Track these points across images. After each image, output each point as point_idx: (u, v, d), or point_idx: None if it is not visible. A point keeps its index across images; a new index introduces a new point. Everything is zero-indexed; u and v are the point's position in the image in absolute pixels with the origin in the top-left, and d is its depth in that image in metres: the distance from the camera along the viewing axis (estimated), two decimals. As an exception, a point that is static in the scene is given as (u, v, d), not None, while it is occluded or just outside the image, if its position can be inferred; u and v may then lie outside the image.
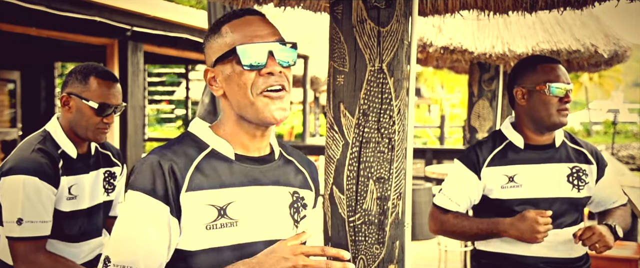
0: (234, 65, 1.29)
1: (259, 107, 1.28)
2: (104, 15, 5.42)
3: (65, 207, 2.03)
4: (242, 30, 1.30)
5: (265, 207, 1.34)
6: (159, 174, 1.24)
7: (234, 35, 1.30)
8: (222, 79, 1.32)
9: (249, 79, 1.28)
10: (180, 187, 1.25)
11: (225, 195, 1.29)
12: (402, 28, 2.06)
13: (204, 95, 4.66)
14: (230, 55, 1.29)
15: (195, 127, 1.38)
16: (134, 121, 6.20)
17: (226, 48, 1.30)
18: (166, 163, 1.25)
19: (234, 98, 1.31)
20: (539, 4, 2.45)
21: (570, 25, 4.74)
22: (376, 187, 2.06)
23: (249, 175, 1.33)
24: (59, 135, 2.05)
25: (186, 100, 12.49)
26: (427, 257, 5.42)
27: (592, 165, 2.21)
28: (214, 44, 1.33)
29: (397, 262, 2.15)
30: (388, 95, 2.05)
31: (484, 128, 5.29)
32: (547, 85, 2.08)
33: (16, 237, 1.91)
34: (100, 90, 2.02)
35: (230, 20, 1.33)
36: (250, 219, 1.31)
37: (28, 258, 1.92)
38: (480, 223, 2.15)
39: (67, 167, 2.03)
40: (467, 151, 2.24)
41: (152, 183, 1.23)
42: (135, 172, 1.27)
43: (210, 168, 1.29)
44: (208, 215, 1.26)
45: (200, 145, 1.33)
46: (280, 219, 1.37)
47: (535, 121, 2.14)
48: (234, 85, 1.30)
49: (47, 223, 1.95)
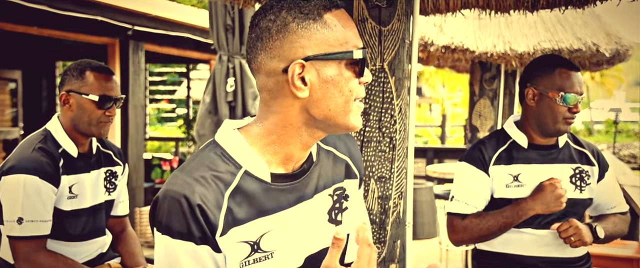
0: (342, 67, 1.10)
1: (352, 116, 1.14)
2: (106, 15, 5.42)
3: (66, 206, 2.03)
4: (352, 28, 1.13)
5: (303, 227, 1.20)
6: (191, 217, 1.07)
7: (346, 33, 1.11)
8: (316, 79, 1.10)
9: (355, 87, 1.12)
10: (216, 229, 1.09)
11: (260, 225, 1.14)
12: (403, 27, 2.06)
13: (205, 95, 4.66)
14: (341, 55, 1.10)
15: (225, 137, 1.18)
16: (135, 120, 6.20)
17: (337, 45, 1.10)
18: (196, 202, 1.07)
19: (327, 103, 1.11)
20: (541, 3, 2.45)
21: (571, 24, 4.74)
22: (377, 186, 2.06)
23: (285, 197, 1.18)
24: (60, 134, 2.05)
25: (187, 100, 12.47)
26: (428, 257, 5.42)
27: (594, 167, 2.20)
28: (315, 34, 1.09)
29: (398, 261, 2.14)
30: (389, 95, 2.04)
31: (485, 127, 5.29)
32: (560, 94, 2.04)
33: (17, 236, 1.92)
34: (98, 84, 2.03)
35: (331, 9, 1.11)
36: (287, 246, 1.18)
37: (29, 257, 1.92)
38: (503, 213, 2.08)
39: (68, 166, 2.04)
40: (471, 151, 2.21)
41: (185, 226, 1.07)
42: (161, 211, 1.10)
43: (243, 198, 1.13)
44: (241, 252, 1.12)
45: (231, 167, 1.14)
46: (320, 230, 1.24)
47: (539, 125, 2.13)
48: (334, 90, 1.10)
49: (47, 223, 1.95)
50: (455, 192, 2.20)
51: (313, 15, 1.09)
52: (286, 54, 1.10)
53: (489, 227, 2.11)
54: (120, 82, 6.24)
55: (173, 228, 1.08)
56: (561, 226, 2.01)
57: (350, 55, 1.10)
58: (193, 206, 1.07)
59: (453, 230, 2.19)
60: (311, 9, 1.09)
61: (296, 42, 1.09)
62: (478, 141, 2.26)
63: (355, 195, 1.36)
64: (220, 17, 4.59)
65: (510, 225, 2.09)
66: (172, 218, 1.08)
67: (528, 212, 2.04)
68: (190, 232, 1.08)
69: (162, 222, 1.09)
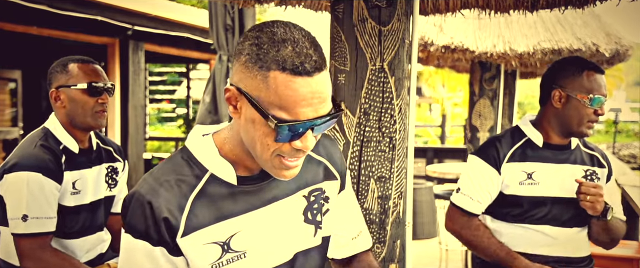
0: (266, 123, 1.06)
1: (270, 167, 1.14)
2: (105, 15, 5.43)
3: (69, 202, 2.04)
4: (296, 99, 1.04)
5: (275, 227, 1.23)
6: (151, 220, 1.12)
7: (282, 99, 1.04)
8: (244, 112, 1.11)
9: (273, 145, 1.09)
10: (176, 232, 1.14)
11: (227, 227, 1.17)
12: (403, 27, 2.06)
13: (205, 95, 4.66)
14: (260, 112, 1.06)
15: (194, 144, 1.22)
16: (135, 120, 6.20)
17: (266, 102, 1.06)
18: (158, 207, 1.12)
19: (247, 140, 1.13)
20: (540, 3, 2.45)
21: (571, 24, 4.74)
22: (377, 186, 2.06)
23: (254, 199, 1.20)
24: (59, 131, 2.06)
25: (187, 100, 12.48)
26: (428, 256, 5.42)
27: (604, 169, 2.22)
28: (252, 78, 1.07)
29: (398, 261, 2.14)
30: (389, 94, 2.04)
31: (485, 127, 5.29)
32: (589, 97, 2.03)
33: (22, 233, 1.92)
34: (84, 73, 2.05)
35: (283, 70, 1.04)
36: (259, 246, 1.20)
37: (34, 255, 1.92)
38: (500, 250, 2.10)
39: (70, 162, 2.04)
40: (485, 146, 2.20)
41: (144, 229, 1.13)
42: (127, 211, 1.16)
43: (208, 201, 1.16)
44: (211, 253, 1.16)
45: (197, 170, 1.18)
46: (297, 231, 1.27)
47: (563, 125, 2.12)
48: (253, 132, 1.10)
49: (52, 219, 1.95)
50: (462, 185, 2.20)
51: (262, 61, 1.05)
52: (233, 72, 1.14)
53: (481, 245, 2.14)
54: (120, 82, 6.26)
55: (134, 228, 1.15)
56: (586, 183, 2.00)
57: (266, 119, 1.05)
58: (154, 211, 1.13)
59: (450, 219, 2.22)
60: (266, 54, 1.05)
61: (239, 70, 1.10)
62: (493, 137, 2.24)
63: (338, 197, 1.38)
64: (220, 17, 4.59)
65: (499, 262, 2.12)
66: (134, 220, 1.15)
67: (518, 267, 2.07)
68: (148, 233, 1.14)
69: (126, 221, 1.17)
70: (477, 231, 2.15)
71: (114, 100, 6.15)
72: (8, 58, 7.85)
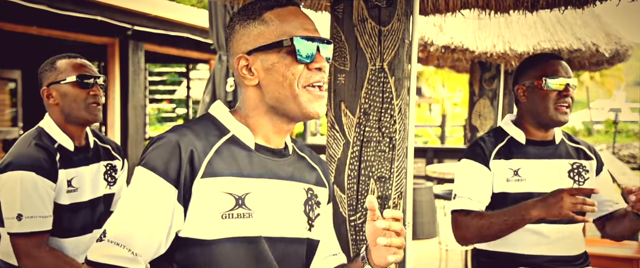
0: (282, 55, 1.24)
1: (302, 101, 1.24)
2: (105, 15, 5.43)
3: (65, 200, 2.03)
4: (292, 20, 1.26)
5: (281, 202, 1.29)
6: (176, 156, 1.19)
7: (284, 25, 1.25)
8: (260, 68, 1.25)
9: (297, 71, 1.23)
10: (196, 172, 1.20)
11: (244, 184, 1.24)
12: (403, 27, 2.06)
13: (205, 94, 4.66)
14: (280, 45, 1.23)
15: (217, 110, 1.33)
16: (135, 120, 6.20)
17: (273, 37, 1.24)
18: (185, 145, 1.20)
19: (273, 89, 1.25)
20: (540, 3, 2.45)
21: (571, 24, 4.74)
22: (377, 186, 2.06)
23: (267, 167, 1.28)
24: (54, 130, 2.06)
25: (187, 100, 12.47)
26: (428, 256, 5.42)
27: (592, 161, 2.22)
28: (253, 31, 1.26)
29: (398, 261, 2.14)
30: (389, 95, 2.04)
31: (485, 127, 5.29)
32: (544, 80, 2.08)
33: (17, 232, 1.92)
34: (71, 67, 2.06)
35: (272, 8, 1.27)
36: (266, 212, 1.26)
37: (30, 254, 1.92)
38: (506, 213, 2.04)
39: (65, 160, 2.04)
40: (472, 147, 2.22)
41: (165, 164, 1.18)
42: (152, 147, 1.21)
43: (229, 155, 1.24)
44: (225, 203, 1.21)
45: (221, 129, 1.28)
46: (295, 216, 1.32)
47: (534, 117, 2.15)
48: (277, 76, 1.24)
49: (47, 218, 1.95)
50: (458, 189, 2.19)
51: (253, 15, 1.27)
52: (235, 51, 1.30)
53: (490, 225, 2.07)
54: (120, 82, 6.27)
55: (154, 162, 1.19)
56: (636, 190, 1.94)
57: (282, 44, 1.23)
58: (181, 148, 1.19)
59: (456, 226, 2.17)
60: (254, 10, 1.27)
61: (240, 40, 1.28)
62: (477, 139, 2.27)
63: (325, 208, 1.43)
64: (220, 17, 4.59)
65: (514, 225, 2.04)
66: (156, 153, 1.20)
67: (530, 211, 1.99)
68: (167, 169, 1.18)
69: (146, 157, 1.21)
70: (480, 219, 2.10)
71: (114, 100, 6.15)
72: (8, 58, 7.85)
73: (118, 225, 1.20)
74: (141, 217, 1.19)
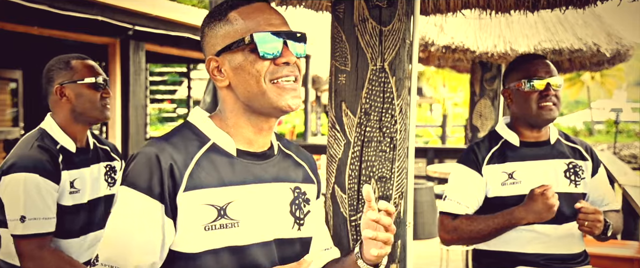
0: (246, 53, 1.22)
1: (271, 96, 1.23)
2: (106, 15, 5.43)
3: (68, 201, 2.04)
4: (255, 17, 1.24)
5: (266, 206, 1.28)
6: (157, 172, 1.17)
7: (247, 23, 1.23)
8: (229, 69, 1.25)
9: (262, 67, 1.22)
10: (178, 186, 1.19)
11: (226, 193, 1.23)
12: (403, 27, 2.06)
13: (205, 94, 4.67)
14: (242, 43, 1.22)
15: (196, 117, 1.31)
16: (136, 120, 6.20)
17: (237, 36, 1.23)
18: (165, 159, 1.18)
19: (243, 88, 1.24)
20: (541, 3, 2.45)
21: (572, 24, 4.74)
22: (378, 186, 2.06)
23: (250, 173, 1.27)
24: (56, 131, 2.07)
25: (188, 100, 12.48)
26: (428, 256, 5.42)
27: (587, 161, 2.22)
28: (219, 31, 1.26)
29: (398, 261, 2.15)
30: (390, 95, 2.05)
31: (485, 127, 5.29)
32: (522, 82, 2.11)
33: (20, 234, 1.92)
34: (87, 69, 2.10)
35: (237, 7, 1.26)
36: (250, 219, 1.25)
37: (33, 255, 1.93)
38: (494, 219, 2.09)
39: (68, 162, 2.04)
40: (465, 152, 2.25)
41: (148, 181, 1.17)
42: (132, 165, 1.20)
43: (210, 165, 1.23)
44: (207, 215, 1.20)
45: (200, 138, 1.27)
46: (281, 218, 1.31)
47: (523, 118, 2.19)
48: (244, 74, 1.23)
49: (50, 220, 1.95)
50: (448, 192, 2.23)
51: (219, 16, 1.27)
52: (206, 53, 1.30)
53: (479, 231, 2.12)
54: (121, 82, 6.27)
55: (136, 180, 1.18)
56: (585, 208, 2.00)
57: (244, 42, 1.22)
58: (161, 163, 1.18)
59: (443, 229, 2.21)
60: (220, 11, 1.27)
61: (209, 42, 1.29)
62: (472, 144, 2.29)
63: (315, 203, 1.43)
64: (221, 17, 4.59)
65: (501, 232, 2.11)
66: (137, 171, 1.19)
67: (520, 221, 2.06)
68: (151, 185, 1.17)
69: (128, 175, 1.20)
70: (468, 221, 2.14)
71: (115, 100, 6.15)
72: (9, 58, 7.86)
73: (109, 247, 1.20)
74: (131, 237, 1.18)
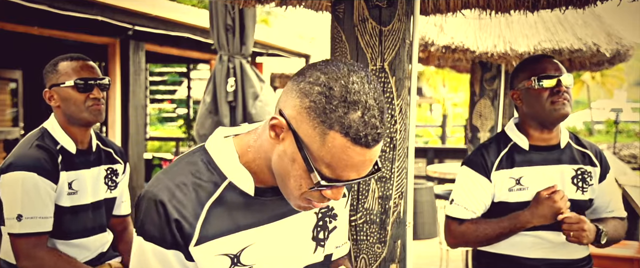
0: (309, 174, 1.07)
1: (295, 204, 1.15)
2: (106, 15, 5.42)
3: (66, 202, 2.04)
4: (342, 160, 1.06)
5: (284, 243, 1.21)
6: (165, 224, 1.10)
7: (334, 160, 1.05)
8: (289, 149, 1.08)
9: (305, 188, 1.10)
10: (189, 240, 1.11)
11: (240, 239, 1.15)
12: (403, 27, 2.06)
13: (205, 95, 4.66)
14: (306, 164, 1.07)
15: (215, 147, 1.18)
16: (136, 120, 6.20)
17: (317, 157, 1.06)
18: (172, 211, 1.10)
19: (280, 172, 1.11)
20: (541, 3, 2.45)
21: (572, 24, 4.73)
22: (378, 186, 2.06)
23: (268, 210, 1.19)
24: (57, 131, 2.06)
25: (188, 100, 12.48)
26: (428, 256, 5.43)
27: (596, 168, 2.18)
28: (309, 123, 1.04)
29: (398, 261, 2.14)
30: (390, 95, 2.04)
31: (485, 127, 5.28)
32: (533, 80, 2.06)
33: (17, 233, 1.92)
34: (72, 70, 2.06)
35: (346, 135, 1.03)
36: (266, 261, 1.19)
37: (29, 254, 1.93)
38: (501, 222, 2.08)
39: (67, 162, 2.04)
40: (474, 155, 2.19)
41: (160, 232, 1.10)
42: (141, 213, 1.13)
43: (223, 211, 1.14)
44: (221, 264, 1.14)
45: (215, 177, 1.15)
46: (302, 249, 1.25)
47: (534, 118, 2.12)
48: (293, 172, 1.08)
49: (47, 219, 1.95)
50: (455, 196, 2.19)
51: (329, 122, 1.02)
52: (286, 107, 1.08)
53: (485, 235, 2.11)
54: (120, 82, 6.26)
55: (147, 230, 1.12)
56: (568, 218, 1.99)
57: (310, 172, 1.05)
58: (168, 212, 1.10)
59: (450, 234, 2.20)
60: (333, 117, 1.01)
61: (299, 111, 1.05)
62: (480, 145, 2.24)
63: (342, 213, 1.37)
64: (221, 17, 4.59)
65: (508, 235, 2.10)
66: (147, 221, 1.12)
67: (526, 224, 2.04)
68: (162, 236, 1.11)
69: (138, 222, 1.14)
70: (475, 226, 2.13)
71: (115, 100, 6.15)
72: (9, 58, 7.85)
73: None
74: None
